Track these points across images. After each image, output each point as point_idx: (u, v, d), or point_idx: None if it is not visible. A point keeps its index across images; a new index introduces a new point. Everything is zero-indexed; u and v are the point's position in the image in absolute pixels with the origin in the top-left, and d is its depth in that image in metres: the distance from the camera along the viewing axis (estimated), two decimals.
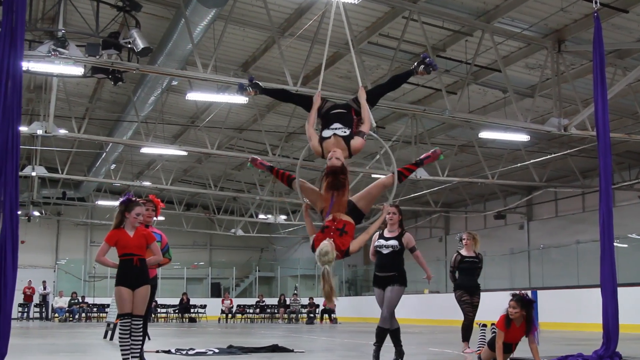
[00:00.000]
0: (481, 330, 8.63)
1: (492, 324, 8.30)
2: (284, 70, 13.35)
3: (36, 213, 31.74)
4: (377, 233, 8.33)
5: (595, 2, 8.14)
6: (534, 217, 26.45)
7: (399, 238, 8.14)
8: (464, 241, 10.16)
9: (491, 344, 7.57)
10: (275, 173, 6.42)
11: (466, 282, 9.97)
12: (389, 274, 8.01)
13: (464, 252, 10.11)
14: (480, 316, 9.44)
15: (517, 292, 7.21)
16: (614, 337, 7.32)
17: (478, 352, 8.03)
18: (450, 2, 13.17)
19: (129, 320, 6.26)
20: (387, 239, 8.01)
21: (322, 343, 12.62)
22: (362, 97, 6.19)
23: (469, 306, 9.87)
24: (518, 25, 13.70)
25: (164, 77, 15.33)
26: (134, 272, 6.32)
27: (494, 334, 7.77)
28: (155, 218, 7.30)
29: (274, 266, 38.23)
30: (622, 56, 14.33)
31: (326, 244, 5.48)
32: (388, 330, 7.89)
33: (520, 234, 26.72)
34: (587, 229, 21.58)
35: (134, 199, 6.47)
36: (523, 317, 7.01)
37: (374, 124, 5.08)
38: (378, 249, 8.19)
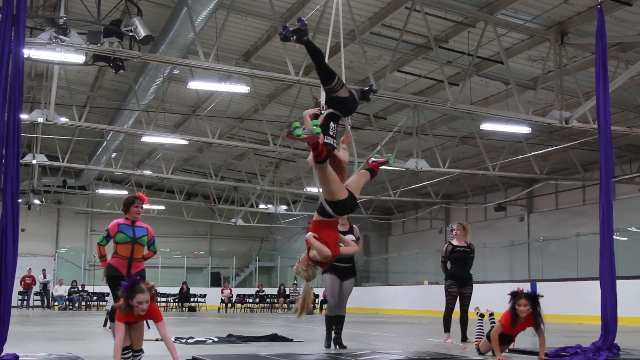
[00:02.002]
0: (478, 320, 8.62)
1: (490, 313, 8.36)
2: (285, 60, 13.29)
3: (36, 201, 31.70)
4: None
5: None
6: (535, 210, 26.43)
7: (352, 231, 8.74)
8: (454, 231, 10.17)
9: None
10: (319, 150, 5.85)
11: (458, 272, 9.96)
12: (348, 265, 8.76)
13: (455, 242, 10.09)
14: (480, 307, 9.42)
15: (517, 290, 7.23)
16: (612, 329, 7.32)
17: (476, 342, 8.03)
18: None
19: (130, 352, 6.16)
20: (344, 233, 8.09)
21: (321, 333, 12.44)
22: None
23: (453, 299, 9.93)
24: (521, 17, 13.63)
25: (165, 65, 15.24)
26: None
27: (492, 325, 7.82)
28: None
29: (274, 256, 38.27)
30: (625, 49, 14.25)
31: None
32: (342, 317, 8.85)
33: (520, 226, 26.72)
34: (587, 221, 21.57)
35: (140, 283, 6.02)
36: (530, 313, 7.10)
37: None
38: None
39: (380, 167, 6.67)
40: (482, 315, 8.58)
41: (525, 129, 17.44)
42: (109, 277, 7.32)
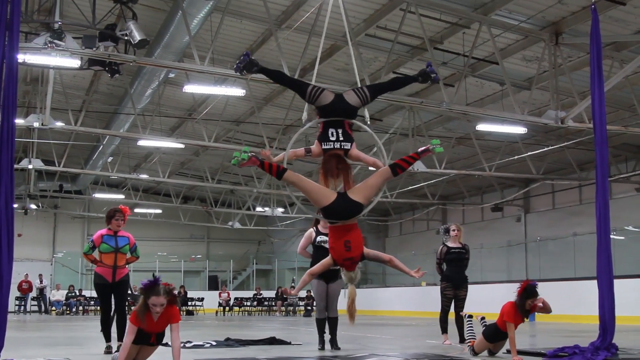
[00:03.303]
0: (467, 321, 8.59)
1: (482, 317, 8.32)
2: (281, 62, 13.27)
3: (33, 206, 31.60)
4: (312, 230, 9.25)
5: None
6: (531, 210, 26.42)
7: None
8: (452, 232, 10.05)
9: (488, 335, 7.59)
10: (267, 167, 6.00)
11: (454, 274, 9.89)
12: (335, 267, 8.45)
13: (450, 243, 10.00)
14: (477, 308, 9.42)
15: (521, 284, 7.32)
16: (610, 328, 7.30)
17: (470, 343, 8.02)
18: None
19: None
20: (326, 234, 8.09)
21: (324, 337, 12.55)
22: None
23: (448, 301, 9.89)
24: (515, 18, 13.63)
25: (161, 69, 15.23)
26: (145, 338, 5.86)
27: (484, 325, 7.83)
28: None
29: (272, 259, 38.20)
30: (619, 48, 14.26)
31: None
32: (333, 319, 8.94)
33: (517, 226, 26.70)
34: (584, 221, 21.55)
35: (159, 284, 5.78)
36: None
37: None
38: (321, 244, 8.85)
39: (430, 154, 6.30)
40: (470, 316, 8.56)
41: (521, 129, 17.40)
42: (96, 285, 8.09)
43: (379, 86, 6.61)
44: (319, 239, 9.08)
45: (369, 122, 6.68)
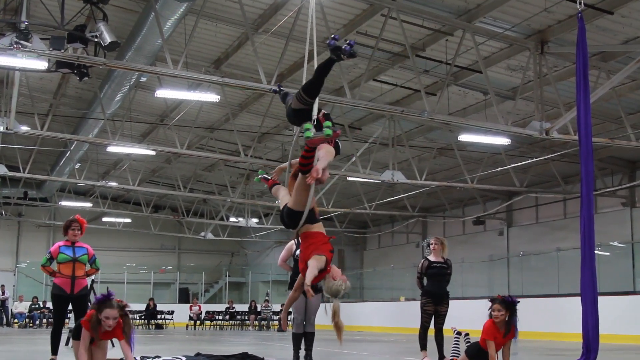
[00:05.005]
0: (455, 338, 8.50)
1: (466, 334, 8.09)
2: (257, 67, 13.07)
3: None
4: (293, 242, 9.12)
5: (580, 3, 7.99)
6: (514, 223, 26.35)
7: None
8: (431, 246, 9.88)
9: (470, 355, 7.42)
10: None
11: (435, 289, 9.64)
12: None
13: (431, 257, 9.79)
14: (458, 324, 9.27)
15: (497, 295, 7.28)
16: (594, 347, 7.27)
17: None
18: (430, 0, 12.93)
19: None
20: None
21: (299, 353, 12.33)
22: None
23: (428, 317, 9.64)
24: (500, 26, 13.51)
25: (132, 73, 14.99)
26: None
27: (468, 343, 7.77)
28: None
29: (245, 271, 37.93)
30: (606, 59, 14.21)
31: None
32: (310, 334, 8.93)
33: (499, 240, 26.60)
34: (568, 235, 21.50)
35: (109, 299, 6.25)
36: (505, 321, 7.12)
37: None
38: None
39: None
40: (459, 333, 8.48)
41: (504, 140, 17.35)
42: (53, 296, 8.32)
43: (307, 83, 6.14)
44: (299, 251, 8.71)
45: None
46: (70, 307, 8.43)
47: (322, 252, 5.61)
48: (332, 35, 5.75)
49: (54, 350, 8.26)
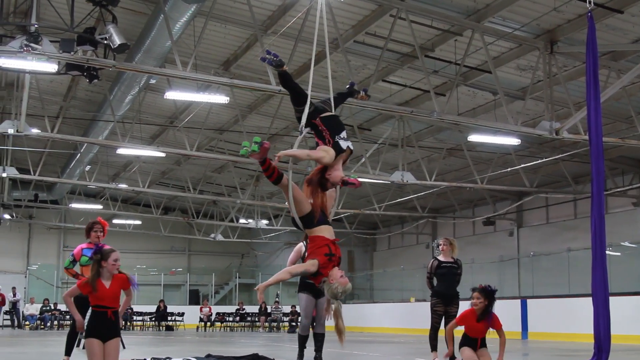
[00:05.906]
0: None
1: None
2: (266, 69, 13.00)
3: (7, 216, 31.31)
4: (302, 244, 9.17)
5: (589, 2, 7.93)
6: (524, 224, 26.18)
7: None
8: (440, 247, 9.88)
9: (461, 344, 7.69)
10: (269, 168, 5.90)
11: (444, 289, 9.61)
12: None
13: (441, 257, 9.77)
14: None
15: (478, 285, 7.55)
16: (605, 347, 7.22)
17: None
18: (439, 0, 12.89)
19: None
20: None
21: (304, 352, 12.33)
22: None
23: (438, 317, 9.62)
24: (509, 25, 13.44)
25: (141, 75, 15.01)
26: (106, 325, 6.20)
27: None
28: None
29: (255, 272, 37.84)
30: (617, 58, 14.10)
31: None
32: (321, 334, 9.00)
33: (509, 240, 26.44)
34: (579, 236, 21.36)
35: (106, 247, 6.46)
36: (483, 309, 7.41)
37: None
38: None
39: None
40: None
41: (514, 141, 17.27)
42: (75, 298, 8.02)
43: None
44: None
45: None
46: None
47: (315, 257, 5.68)
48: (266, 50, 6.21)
49: (68, 351, 8.30)
